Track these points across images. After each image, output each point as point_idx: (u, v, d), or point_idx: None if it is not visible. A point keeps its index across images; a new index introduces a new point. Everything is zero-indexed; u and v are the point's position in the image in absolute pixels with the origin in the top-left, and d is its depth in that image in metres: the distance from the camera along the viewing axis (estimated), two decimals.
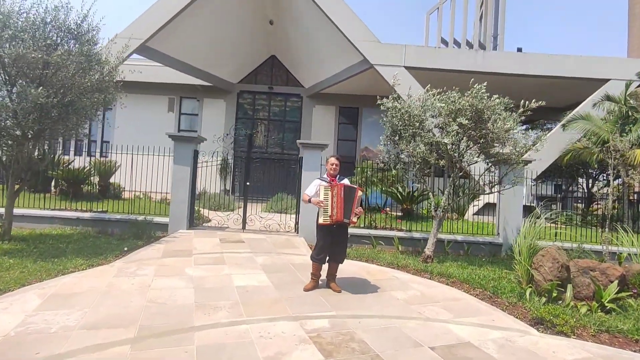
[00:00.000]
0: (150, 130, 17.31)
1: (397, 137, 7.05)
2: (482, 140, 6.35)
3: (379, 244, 8.01)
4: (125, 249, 6.42)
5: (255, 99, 19.34)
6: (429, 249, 6.80)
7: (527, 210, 9.85)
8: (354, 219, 4.70)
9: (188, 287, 4.70)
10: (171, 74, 18.08)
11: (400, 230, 8.66)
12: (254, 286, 4.89)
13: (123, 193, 12.73)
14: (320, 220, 4.73)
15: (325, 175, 5.03)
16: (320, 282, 5.03)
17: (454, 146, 6.55)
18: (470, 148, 6.52)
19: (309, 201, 4.89)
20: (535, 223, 5.99)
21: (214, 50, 17.09)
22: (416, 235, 8.28)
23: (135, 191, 11.30)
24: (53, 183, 12.14)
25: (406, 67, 13.32)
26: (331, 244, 4.84)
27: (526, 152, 6.89)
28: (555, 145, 12.67)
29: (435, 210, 7.02)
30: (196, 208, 11.77)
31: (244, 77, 19.24)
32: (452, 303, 4.71)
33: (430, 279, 5.81)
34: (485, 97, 6.34)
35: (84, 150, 18.14)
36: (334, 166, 4.91)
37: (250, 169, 8.81)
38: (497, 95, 6.38)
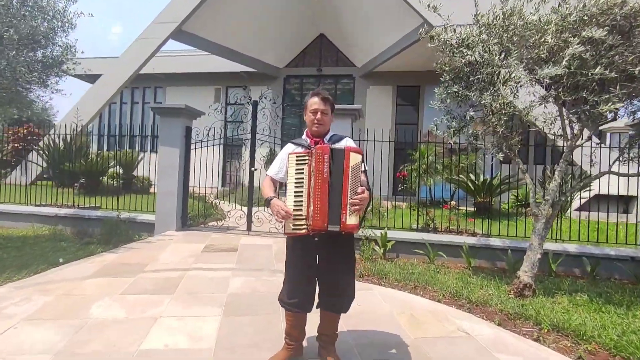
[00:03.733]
0: (198, 123, 15.98)
1: (461, 87, 4.11)
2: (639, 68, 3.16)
3: (439, 256, 5.09)
4: (61, 260, 4.39)
5: (302, 84, 17.04)
6: (527, 273, 3.76)
7: None
8: (352, 220, 2.00)
9: (39, 354, 2.38)
10: (217, 63, 16.52)
11: (474, 234, 5.61)
12: (175, 351, 2.44)
13: (153, 187, 11.21)
14: (288, 228, 2.13)
15: (303, 137, 2.39)
16: (307, 344, 2.44)
17: (581, 80, 3.43)
18: (617, 84, 3.32)
19: (270, 199, 2.19)
20: None
21: (257, 33, 15.04)
22: (497, 242, 5.19)
23: None
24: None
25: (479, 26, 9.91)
26: (316, 274, 2.23)
27: None
28: None
29: (537, 206, 3.95)
30: (225, 202, 9.78)
31: (291, 60, 17.02)
32: None
33: (537, 339, 2.84)
34: None
35: (140, 144, 17.31)
36: (319, 115, 2.25)
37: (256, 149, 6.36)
38: None
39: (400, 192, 10.41)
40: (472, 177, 8.93)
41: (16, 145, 13.54)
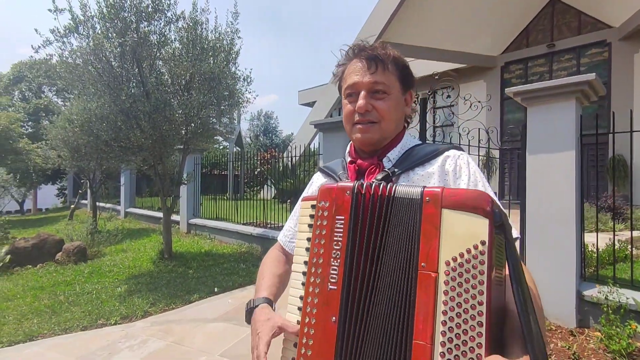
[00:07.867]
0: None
1: None
2: None
3: None
4: (216, 289, 4.28)
5: (527, 68, 13.41)
6: None
7: None
8: None
9: None
10: (421, 67, 15.31)
11: None
12: None
13: None
14: None
15: (346, 155, 0.99)
16: None
17: None
18: None
19: (253, 307, 0.88)
20: None
21: (465, 22, 12.91)
22: None
23: None
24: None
25: None
26: None
27: None
28: None
29: None
30: None
31: (509, 44, 13.77)
32: None
33: None
34: None
35: None
36: (362, 100, 0.88)
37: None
38: None
39: None
40: None
41: (262, 168, 16.71)
